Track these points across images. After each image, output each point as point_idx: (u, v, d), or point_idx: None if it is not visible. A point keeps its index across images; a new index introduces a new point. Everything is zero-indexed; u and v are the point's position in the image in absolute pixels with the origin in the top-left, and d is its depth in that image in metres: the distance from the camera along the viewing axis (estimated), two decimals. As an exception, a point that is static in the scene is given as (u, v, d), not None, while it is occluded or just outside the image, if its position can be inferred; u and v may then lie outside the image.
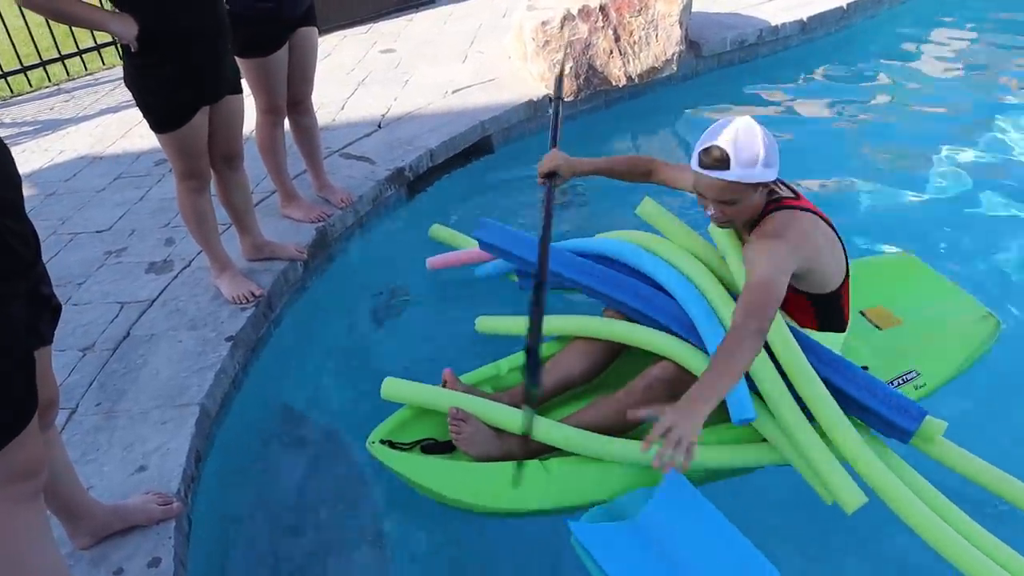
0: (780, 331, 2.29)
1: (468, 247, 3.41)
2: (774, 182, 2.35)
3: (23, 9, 2.57)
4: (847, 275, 2.44)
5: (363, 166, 4.18)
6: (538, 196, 2.75)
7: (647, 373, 2.44)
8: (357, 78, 5.41)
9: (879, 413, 2.21)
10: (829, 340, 2.47)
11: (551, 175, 2.75)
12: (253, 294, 3.17)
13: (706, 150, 2.20)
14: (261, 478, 2.70)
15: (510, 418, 2.41)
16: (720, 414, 2.22)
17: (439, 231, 3.66)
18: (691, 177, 2.33)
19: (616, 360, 2.69)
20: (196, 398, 2.72)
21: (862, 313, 2.88)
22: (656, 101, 5.26)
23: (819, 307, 2.41)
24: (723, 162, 2.17)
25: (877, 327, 2.84)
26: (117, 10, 2.60)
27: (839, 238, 2.40)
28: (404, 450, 2.47)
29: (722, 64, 5.66)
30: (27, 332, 1.65)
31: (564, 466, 2.37)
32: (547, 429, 2.36)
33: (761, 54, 5.80)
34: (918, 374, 2.62)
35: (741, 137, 2.17)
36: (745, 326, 2.03)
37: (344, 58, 5.68)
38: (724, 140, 2.18)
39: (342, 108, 4.93)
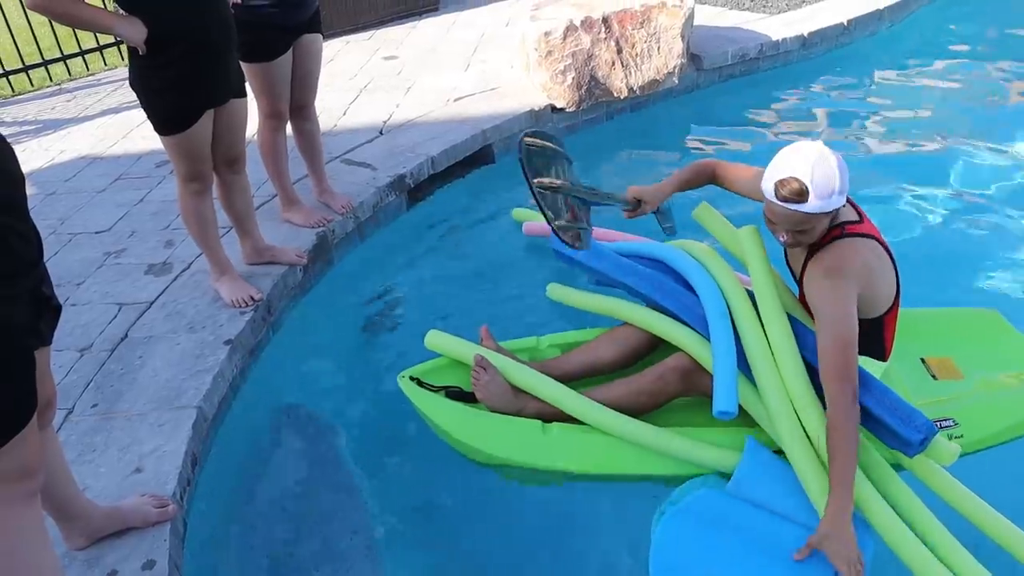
0: (779, 323, 2.33)
1: None
2: None
3: (28, 10, 2.58)
4: (896, 303, 2.39)
5: (364, 172, 4.18)
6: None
7: (663, 362, 2.54)
8: (359, 84, 5.42)
9: (882, 420, 2.19)
10: (867, 366, 2.41)
11: (638, 202, 2.69)
12: (252, 298, 3.17)
13: (783, 182, 2.15)
14: (257, 482, 2.70)
15: (529, 379, 2.59)
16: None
17: (522, 214, 3.83)
18: (751, 181, 2.38)
19: (649, 355, 2.74)
20: (193, 401, 2.72)
21: (923, 360, 2.79)
22: (657, 113, 5.29)
23: (861, 330, 2.29)
24: (802, 195, 2.12)
25: (933, 376, 2.73)
26: (125, 13, 2.61)
27: (894, 265, 2.35)
28: (431, 390, 2.68)
29: (723, 78, 5.69)
30: (27, 332, 1.65)
31: (565, 433, 2.53)
32: (561, 395, 2.53)
33: (762, 68, 5.83)
34: (956, 424, 2.53)
35: (819, 169, 2.11)
36: (843, 395, 2.08)
37: (347, 64, 5.70)
38: (802, 172, 2.12)
39: (344, 114, 4.94)
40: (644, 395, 2.54)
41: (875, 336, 2.42)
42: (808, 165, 2.12)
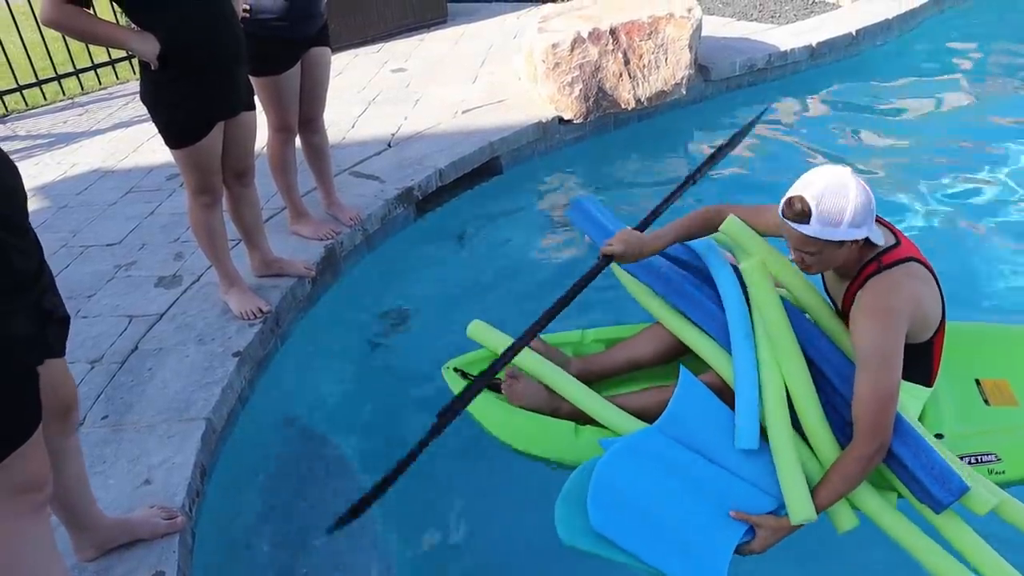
0: (793, 356, 2.31)
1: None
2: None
3: (43, 25, 2.62)
4: (942, 325, 2.31)
5: (372, 185, 4.21)
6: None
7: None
8: (368, 97, 5.45)
9: (914, 474, 2.10)
10: (911, 393, 2.35)
11: (608, 259, 2.62)
12: (261, 310, 3.19)
13: (789, 200, 2.12)
14: (265, 494, 2.71)
15: (561, 383, 2.58)
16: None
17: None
18: (771, 218, 2.34)
19: (687, 353, 2.71)
20: (202, 413, 2.74)
21: (977, 382, 2.62)
22: (665, 124, 5.30)
23: (905, 355, 2.17)
24: (804, 216, 2.08)
25: (986, 401, 2.56)
26: (138, 28, 2.64)
27: (938, 284, 2.27)
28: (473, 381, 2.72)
29: (731, 88, 5.69)
30: (31, 345, 1.66)
31: (595, 436, 2.53)
32: (593, 401, 2.52)
33: (770, 78, 5.84)
34: (998, 459, 2.38)
35: (828, 193, 2.06)
36: (867, 446, 2.07)
37: (355, 76, 5.73)
38: (810, 193, 2.07)
39: (352, 126, 4.97)
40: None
41: (920, 361, 2.34)
42: (819, 188, 2.07)
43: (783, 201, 2.15)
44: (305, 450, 2.90)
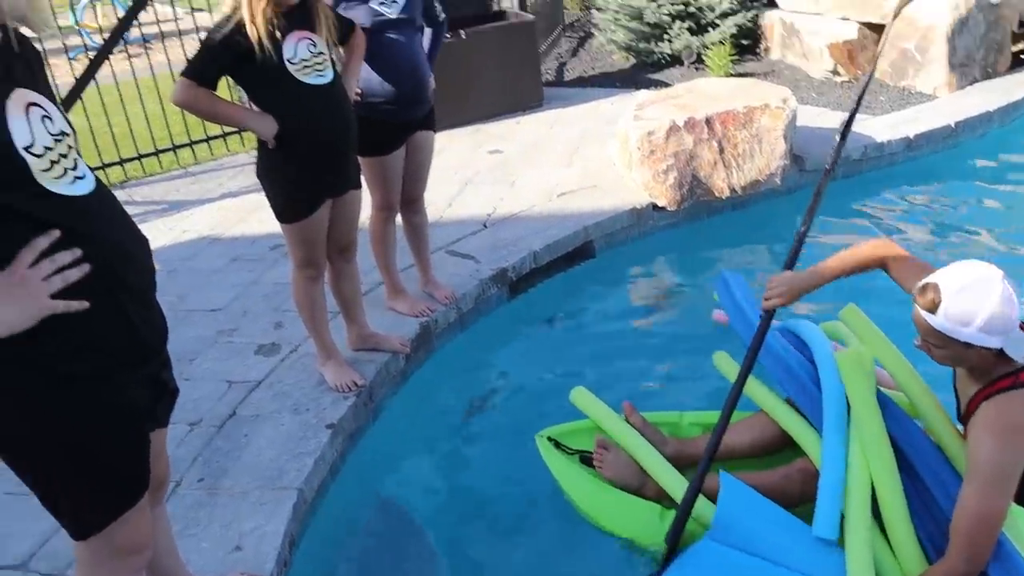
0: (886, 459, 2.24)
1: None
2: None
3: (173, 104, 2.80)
4: None
5: (467, 264, 4.29)
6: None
7: (792, 463, 2.51)
8: (465, 177, 5.59)
9: None
10: (1021, 518, 2.18)
11: (771, 313, 2.55)
12: (356, 383, 3.26)
13: (924, 286, 2.05)
14: (351, 567, 2.73)
15: (650, 463, 2.59)
16: None
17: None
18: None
19: (784, 450, 2.67)
20: (295, 483, 2.79)
21: None
22: (758, 213, 5.26)
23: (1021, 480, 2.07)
24: (933, 306, 2.00)
25: None
26: (258, 110, 2.81)
27: None
28: (566, 453, 2.75)
29: (826, 179, 5.63)
30: (145, 416, 1.75)
31: None
32: (682, 487, 2.47)
33: (866, 170, 5.77)
34: None
35: (966, 290, 1.97)
36: (961, 564, 1.99)
37: (452, 157, 5.89)
38: (947, 284, 2.00)
39: (449, 205, 5.09)
40: (767, 493, 2.45)
41: None
42: (959, 282, 1.99)
43: (918, 284, 2.08)
44: (393, 526, 2.92)
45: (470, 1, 7.10)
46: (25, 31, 1.57)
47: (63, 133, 1.55)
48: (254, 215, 5.26)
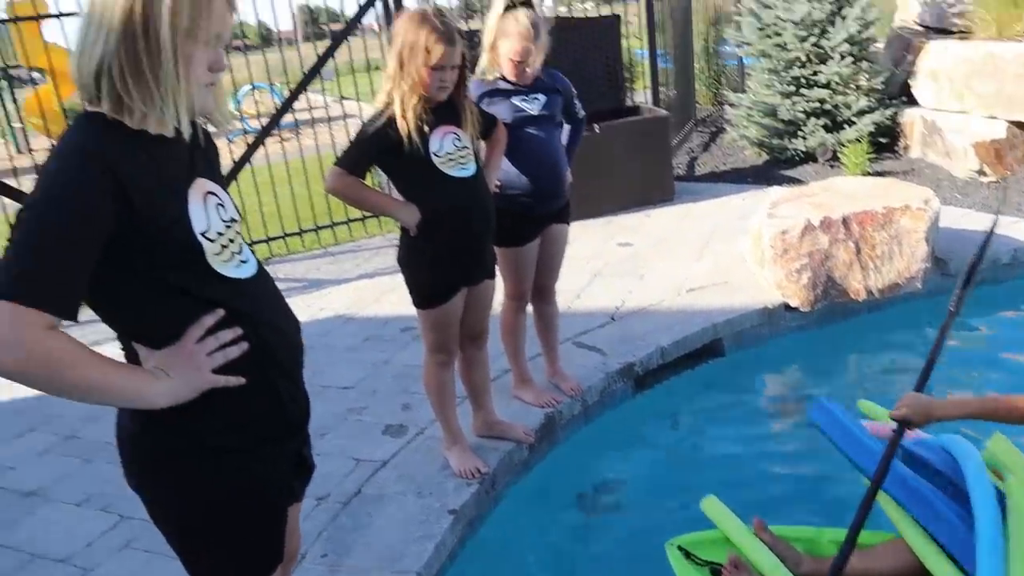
0: None
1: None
2: None
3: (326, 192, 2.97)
4: None
5: (594, 357, 4.29)
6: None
7: None
8: (594, 268, 5.64)
9: None
10: None
11: (904, 422, 2.45)
12: (479, 470, 3.28)
13: None
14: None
15: None
16: None
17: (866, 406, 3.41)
18: None
19: None
20: (414, 566, 2.81)
21: None
22: (897, 317, 5.06)
23: None
24: None
25: None
26: (403, 199, 2.95)
27: None
28: (696, 564, 2.65)
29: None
30: (284, 491, 1.81)
31: None
32: None
33: (1016, 276, 5.49)
34: None
35: None
36: None
37: (583, 248, 5.96)
38: None
39: (578, 296, 5.14)
40: None
41: None
42: None
43: None
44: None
45: (605, 96, 7.28)
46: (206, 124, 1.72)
47: (233, 220, 1.67)
48: (388, 296, 5.45)
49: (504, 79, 3.38)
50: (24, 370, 1.34)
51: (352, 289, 5.77)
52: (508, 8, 3.27)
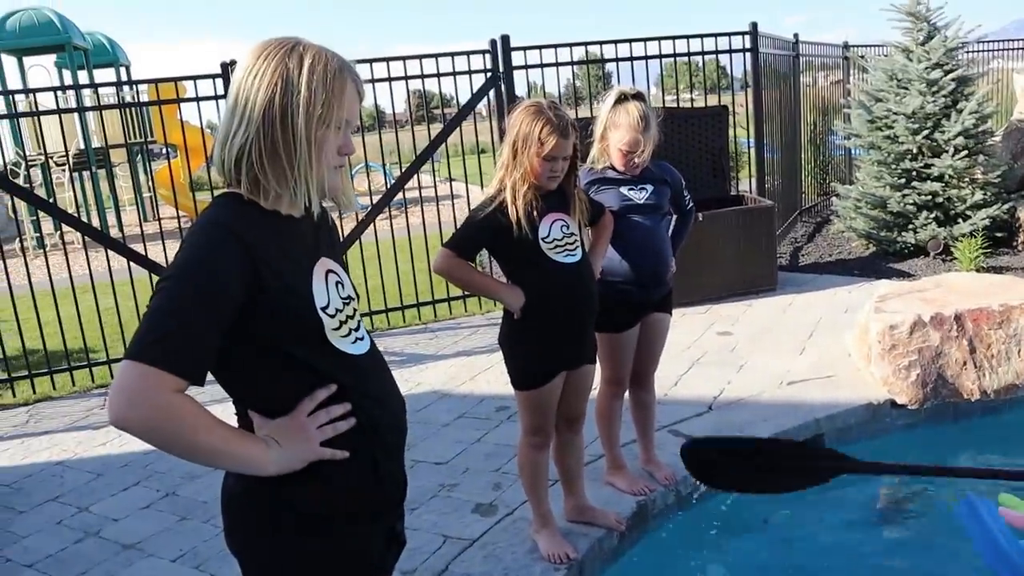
0: None
1: None
2: None
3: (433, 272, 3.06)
4: None
5: (690, 445, 4.20)
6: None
7: None
8: (693, 356, 5.57)
9: None
10: None
11: None
12: (568, 556, 3.23)
13: None
14: None
15: None
16: None
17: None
18: None
19: None
20: (500, 651, 2.77)
21: None
22: (1014, 420, 4.80)
23: None
24: None
25: None
26: (509, 282, 3.01)
27: None
28: None
29: (1098, 390, 5.09)
30: (380, 566, 1.84)
31: None
32: None
33: None
34: None
35: None
36: None
37: (682, 335, 5.90)
38: None
39: (675, 384, 5.08)
40: None
41: None
42: None
43: None
44: None
45: (710, 184, 7.29)
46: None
47: (350, 298, 1.74)
48: (484, 375, 5.49)
49: (613, 168, 3.45)
50: (151, 429, 1.43)
51: (449, 366, 5.85)
52: (620, 100, 3.35)
